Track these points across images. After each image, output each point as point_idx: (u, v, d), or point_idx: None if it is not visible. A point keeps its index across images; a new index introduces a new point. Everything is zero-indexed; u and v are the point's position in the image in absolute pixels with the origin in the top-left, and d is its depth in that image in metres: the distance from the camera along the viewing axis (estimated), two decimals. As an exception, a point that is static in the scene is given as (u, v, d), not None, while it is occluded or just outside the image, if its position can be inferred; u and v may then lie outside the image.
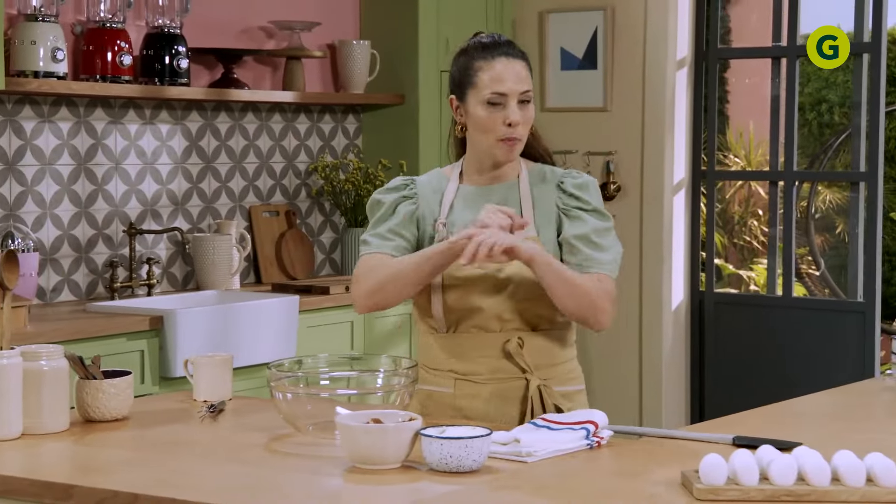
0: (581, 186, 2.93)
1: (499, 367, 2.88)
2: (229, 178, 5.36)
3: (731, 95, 10.54)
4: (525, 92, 2.88)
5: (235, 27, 5.35)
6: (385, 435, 2.39)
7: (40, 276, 4.76)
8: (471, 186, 2.95)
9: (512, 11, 6.12)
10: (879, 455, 2.22)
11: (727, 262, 9.65)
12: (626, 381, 5.99)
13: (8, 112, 4.67)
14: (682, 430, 2.65)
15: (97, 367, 2.79)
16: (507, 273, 2.86)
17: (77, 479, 2.33)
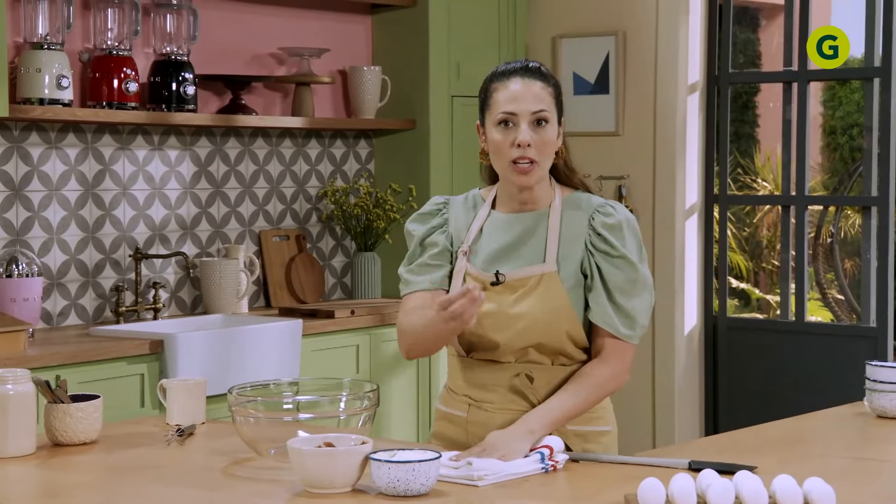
0: (611, 227, 2.79)
1: (510, 399, 2.81)
2: (239, 202, 5.41)
3: (761, 119, 10.51)
4: (539, 112, 2.76)
5: (246, 54, 5.41)
6: (333, 458, 2.40)
7: (47, 300, 4.82)
8: (501, 214, 2.87)
9: (525, 36, 6.15)
10: (818, 480, 2.21)
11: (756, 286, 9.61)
12: (639, 407, 5.98)
13: (14, 139, 4.74)
14: (639, 456, 2.65)
15: (64, 392, 2.83)
16: (522, 310, 2.79)
17: (27, 503, 2.36)
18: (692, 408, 5.98)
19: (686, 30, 5.88)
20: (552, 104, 2.81)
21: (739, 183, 9.81)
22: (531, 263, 2.80)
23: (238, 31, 5.38)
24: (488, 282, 2.81)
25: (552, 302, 2.77)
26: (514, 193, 2.84)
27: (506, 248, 2.84)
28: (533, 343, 2.78)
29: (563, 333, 2.78)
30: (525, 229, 2.83)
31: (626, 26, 5.98)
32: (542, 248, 2.80)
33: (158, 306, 5.00)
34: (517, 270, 2.81)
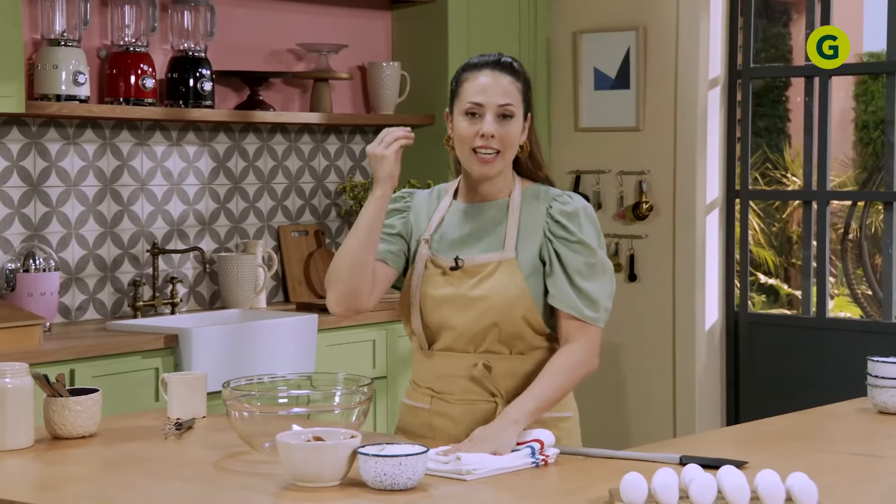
0: (568, 214, 2.85)
1: (469, 389, 2.87)
2: (257, 198, 5.44)
3: (791, 114, 10.45)
4: (505, 105, 2.82)
5: (264, 50, 5.43)
6: (321, 452, 2.42)
7: (65, 295, 4.86)
8: (462, 204, 2.94)
9: (545, 32, 6.14)
10: (802, 476, 2.21)
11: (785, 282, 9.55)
12: (660, 402, 5.96)
13: (32, 134, 4.79)
14: (630, 451, 2.65)
15: (62, 385, 2.85)
16: (480, 293, 2.84)
17: (19, 496, 2.38)
18: (713, 404, 5.95)
19: (707, 24, 5.86)
20: (519, 100, 2.86)
21: (768, 178, 9.76)
22: (490, 250, 2.87)
23: (257, 27, 5.40)
24: (448, 267, 2.88)
25: (510, 287, 2.83)
26: (475, 184, 2.90)
27: (466, 236, 2.91)
28: (491, 326, 2.83)
29: (520, 318, 2.83)
30: (485, 218, 2.90)
31: (646, 21, 5.96)
32: (501, 236, 2.87)
33: (176, 301, 5.03)
34: (476, 256, 2.88)
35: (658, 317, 5.97)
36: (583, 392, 6.05)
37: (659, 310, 5.97)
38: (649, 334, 5.99)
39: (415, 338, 2.94)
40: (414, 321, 2.90)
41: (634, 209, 5.98)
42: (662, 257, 5.97)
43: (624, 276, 6.05)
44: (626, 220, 6.03)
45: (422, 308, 2.88)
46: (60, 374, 2.89)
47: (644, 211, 5.97)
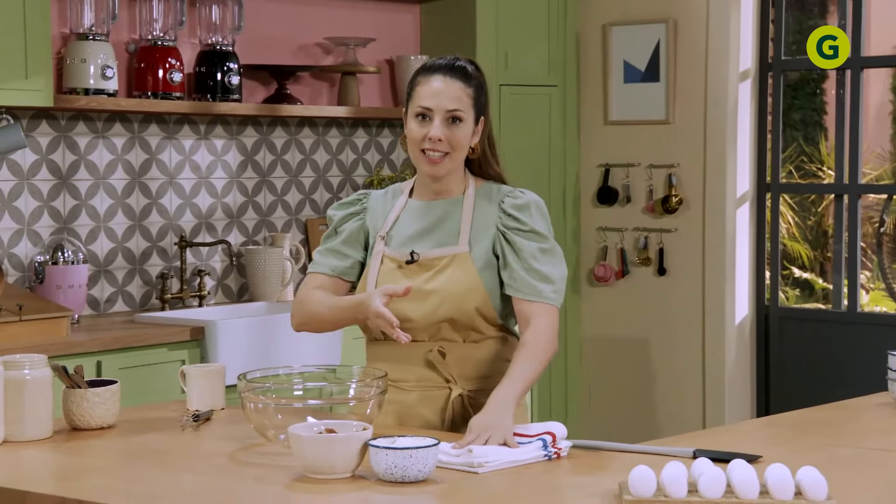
0: (520, 207, 2.97)
1: (424, 376, 2.97)
2: (285, 191, 5.45)
3: (828, 107, 10.36)
4: (453, 111, 2.92)
5: (293, 44, 5.45)
6: (332, 444, 2.42)
7: (94, 287, 4.89)
8: (417, 201, 3.06)
9: (575, 25, 6.13)
10: (812, 469, 2.19)
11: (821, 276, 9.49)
12: (690, 397, 5.94)
13: (62, 128, 4.82)
14: (644, 444, 2.64)
15: (80, 377, 2.87)
16: (434, 286, 2.95)
17: (34, 486, 2.40)
18: (743, 398, 5.93)
19: (738, 16, 5.82)
20: (469, 105, 2.96)
21: (803, 171, 9.69)
22: (444, 245, 2.98)
23: (285, 21, 5.42)
24: (403, 261, 2.99)
25: (464, 279, 2.93)
26: (428, 183, 3.02)
27: (421, 232, 3.01)
28: (446, 318, 2.93)
29: (473, 309, 2.93)
30: (440, 215, 3.01)
31: (676, 13, 5.94)
32: (455, 231, 2.98)
33: (203, 294, 5.06)
34: (431, 251, 2.98)
35: (687, 311, 5.95)
36: (612, 386, 6.08)
37: (688, 304, 5.95)
38: (678, 329, 5.97)
39: (368, 330, 3.04)
40: None
41: (664, 203, 5.96)
42: (692, 251, 5.95)
43: (653, 270, 6.03)
44: (655, 213, 6.01)
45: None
46: (79, 365, 2.91)
47: (673, 204, 5.95)
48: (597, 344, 6.19)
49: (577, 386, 6.20)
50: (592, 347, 6.20)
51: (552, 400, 6.06)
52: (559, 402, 6.10)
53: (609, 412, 6.13)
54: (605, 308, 6.15)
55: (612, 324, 6.14)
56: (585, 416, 6.18)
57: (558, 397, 6.10)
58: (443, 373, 2.96)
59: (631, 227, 6.09)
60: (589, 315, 6.20)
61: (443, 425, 2.95)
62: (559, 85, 6.06)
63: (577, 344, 6.20)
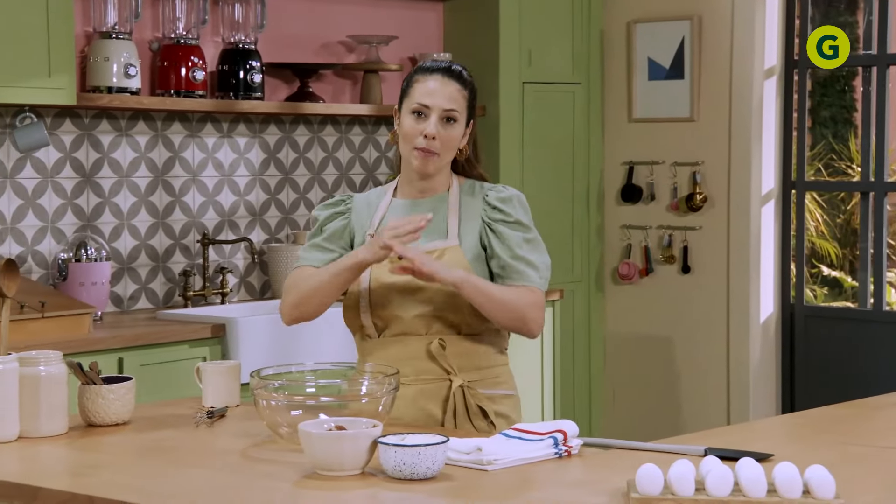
0: (504, 200, 3.07)
1: (424, 369, 3.02)
2: (307, 189, 5.47)
3: (858, 104, 10.31)
4: (449, 111, 3.01)
5: (316, 42, 5.46)
6: (341, 442, 2.43)
7: (117, 284, 4.92)
8: (403, 199, 3.13)
9: (599, 22, 6.11)
10: (820, 468, 2.18)
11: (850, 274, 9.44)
12: (714, 396, 5.92)
13: (85, 126, 4.84)
14: (656, 443, 2.64)
15: (96, 374, 2.89)
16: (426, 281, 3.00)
17: (48, 482, 2.42)
18: (768, 398, 5.90)
19: (763, 13, 5.80)
20: (464, 106, 3.05)
21: (832, 169, 9.65)
22: (434, 239, 3.05)
23: (308, 19, 5.43)
24: (395, 256, 3.00)
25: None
26: (415, 180, 3.09)
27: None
28: (440, 310, 3.00)
29: (467, 300, 2.98)
30: (429, 210, 3.07)
31: (701, 10, 5.92)
32: (443, 226, 3.06)
33: (226, 291, 5.08)
34: (422, 245, 3.02)
35: (712, 309, 5.93)
36: (636, 385, 6.06)
37: (713, 302, 5.93)
38: (703, 327, 5.95)
39: (362, 329, 3.08)
40: (363, 314, 3.05)
41: (688, 200, 5.94)
42: (716, 249, 5.93)
43: (677, 268, 6.01)
44: (679, 211, 5.99)
45: (371, 299, 3.03)
46: (94, 362, 2.93)
47: (698, 202, 5.93)
48: (621, 342, 6.17)
49: (601, 384, 6.19)
50: (616, 346, 6.19)
51: (576, 398, 6.05)
52: (583, 400, 6.09)
53: (633, 411, 6.11)
54: (628, 306, 6.14)
55: (635, 322, 6.13)
56: (610, 415, 6.17)
57: (582, 395, 6.09)
58: (443, 364, 3.02)
59: (655, 225, 6.08)
60: (613, 313, 6.18)
61: (444, 417, 3.00)
62: (583, 82, 6.05)
63: (601, 342, 6.19)
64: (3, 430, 2.74)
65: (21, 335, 4.18)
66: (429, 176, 3.07)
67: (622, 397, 6.16)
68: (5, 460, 2.64)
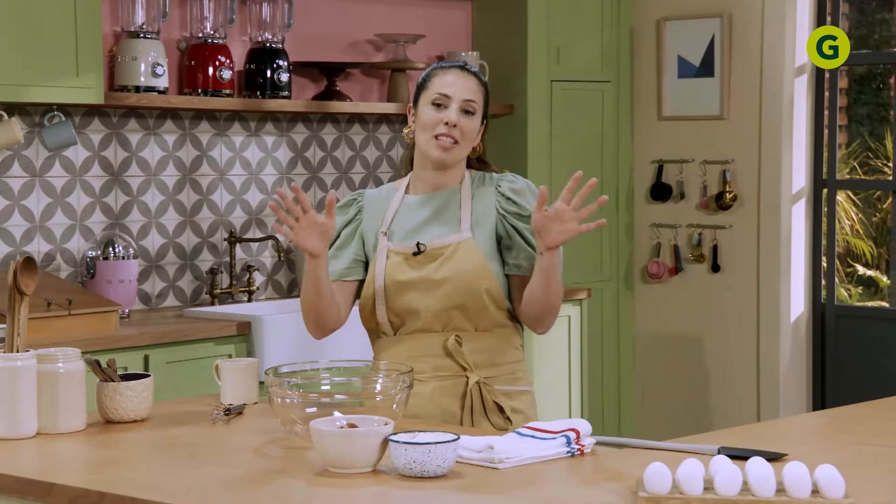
0: (517, 192, 3.09)
1: (441, 366, 3.04)
2: (335, 187, 5.48)
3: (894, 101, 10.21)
4: (469, 101, 3.05)
5: (344, 41, 5.47)
6: (352, 439, 2.43)
7: (145, 282, 4.95)
8: (415, 196, 3.13)
9: (629, 20, 6.10)
10: (829, 467, 2.17)
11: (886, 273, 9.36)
12: (744, 396, 5.89)
13: (113, 125, 4.88)
14: (669, 442, 2.63)
15: (113, 370, 2.90)
16: (444, 274, 3.02)
17: (61, 478, 2.43)
18: (798, 398, 5.87)
19: (794, 10, 5.77)
20: (481, 102, 3.09)
21: (868, 167, 9.57)
22: (448, 233, 3.06)
23: (336, 18, 5.44)
24: (410, 253, 3.05)
25: (471, 264, 3.02)
26: (429, 175, 3.09)
27: (422, 224, 3.08)
28: (457, 304, 3.02)
29: (483, 292, 3.02)
30: (439, 205, 3.08)
31: (731, 8, 5.89)
32: (456, 219, 3.07)
33: (252, 289, 5.10)
34: (436, 240, 3.06)
35: (742, 309, 5.90)
36: (665, 384, 6.04)
37: (743, 302, 5.90)
38: (733, 326, 5.92)
39: (378, 328, 3.09)
40: (379, 311, 3.07)
41: (718, 199, 5.92)
42: (746, 248, 5.90)
43: (707, 266, 5.99)
44: (709, 210, 5.97)
45: (387, 296, 3.04)
46: (111, 359, 2.95)
47: (728, 201, 5.90)
48: (650, 341, 6.15)
49: (630, 383, 6.17)
50: (645, 345, 6.17)
51: (604, 397, 6.04)
52: (611, 400, 6.08)
53: (662, 410, 6.09)
54: (658, 305, 6.12)
55: (665, 321, 6.10)
56: (639, 414, 6.16)
57: (610, 395, 6.07)
58: (459, 361, 3.03)
59: (685, 224, 6.05)
60: (642, 312, 6.17)
61: (462, 413, 3.01)
62: (612, 80, 6.03)
63: (630, 341, 6.17)
64: (21, 427, 2.76)
65: (48, 332, 4.22)
66: (446, 167, 3.07)
67: (651, 397, 6.14)
68: (23, 456, 2.66)
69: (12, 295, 2.78)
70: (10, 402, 2.74)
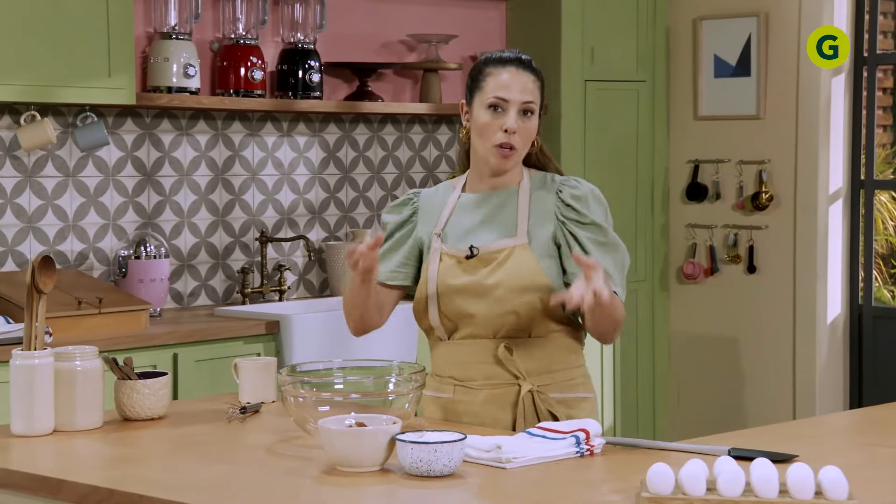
0: (579, 198, 2.94)
1: (493, 374, 2.93)
2: (367, 187, 5.49)
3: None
4: (528, 102, 2.92)
5: (376, 41, 5.48)
6: (360, 438, 2.44)
7: (177, 281, 4.98)
8: (471, 195, 3.02)
9: (665, 19, 6.07)
10: (834, 469, 2.15)
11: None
12: (780, 398, 5.85)
13: (146, 125, 4.91)
14: (680, 443, 2.61)
15: (130, 369, 2.93)
16: (496, 279, 2.91)
17: (73, 475, 2.45)
18: (835, 400, 5.82)
19: (831, 8, 5.72)
20: (538, 98, 2.95)
21: (910, 168, 9.48)
22: (503, 237, 2.94)
23: (369, 18, 5.45)
24: (463, 256, 2.95)
25: (524, 271, 2.90)
26: (486, 176, 2.98)
27: (477, 226, 2.97)
28: (509, 311, 2.90)
29: (537, 300, 2.89)
30: (495, 207, 2.97)
31: (768, 7, 5.85)
32: (513, 223, 2.94)
33: (283, 288, 5.12)
34: (490, 244, 2.94)
35: (778, 310, 5.86)
36: (701, 385, 6.00)
37: (779, 303, 5.86)
38: (769, 328, 5.88)
39: (433, 331, 3.01)
40: (431, 314, 2.96)
41: (754, 199, 5.88)
42: (783, 249, 5.85)
43: (743, 267, 5.95)
44: (745, 210, 5.93)
45: (440, 300, 2.94)
46: (128, 357, 2.97)
47: (764, 201, 5.86)
48: (685, 342, 6.12)
49: (665, 384, 6.14)
50: (681, 346, 6.14)
51: (639, 398, 6.01)
52: (646, 401, 6.05)
53: (698, 412, 6.06)
54: (693, 306, 6.09)
55: (700, 322, 6.07)
56: (674, 416, 6.13)
57: (645, 396, 6.05)
58: (511, 369, 2.92)
59: (720, 224, 6.02)
60: (677, 313, 6.14)
61: (514, 422, 2.91)
62: (648, 80, 6.01)
63: (666, 342, 6.15)
64: (38, 424, 2.79)
65: (78, 331, 4.26)
66: (506, 172, 2.96)
67: (687, 398, 6.11)
68: (38, 453, 2.69)
69: (30, 293, 2.81)
70: (28, 399, 2.77)
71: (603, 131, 5.85)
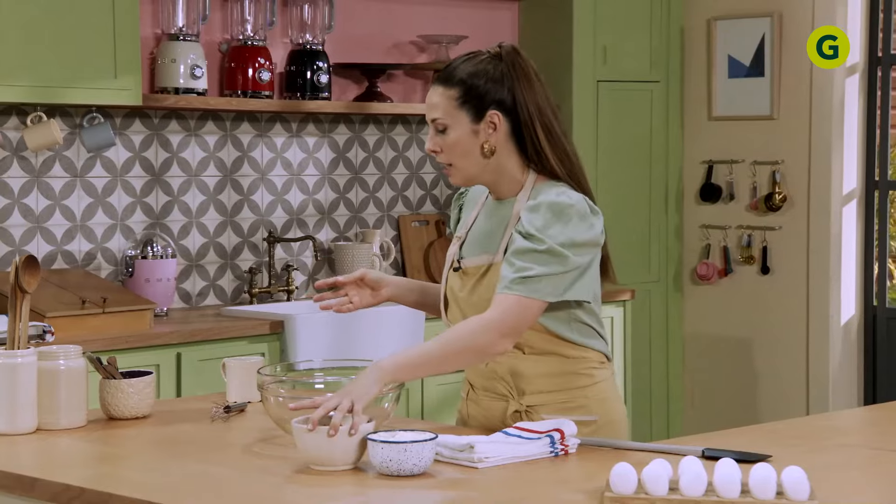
0: (532, 207, 2.70)
1: (489, 386, 2.86)
2: (377, 188, 5.50)
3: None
4: (434, 120, 2.76)
5: (386, 42, 5.49)
6: (330, 437, 2.44)
7: (185, 281, 5.00)
8: (492, 201, 2.88)
9: (679, 19, 6.05)
10: (796, 469, 2.14)
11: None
12: (793, 399, 5.82)
13: (154, 126, 4.94)
14: (655, 443, 2.60)
15: (114, 368, 2.94)
16: (477, 295, 2.79)
17: (46, 473, 2.47)
18: (849, 401, 5.78)
19: (845, 8, 5.69)
20: (453, 107, 2.73)
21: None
22: (487, 252, 2.80)
23: (378, 19, 5.46)
24: (453, 268, 2.88)
25: (493, 291, 2.71)
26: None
27: (480, 236, 2.85)
28: None
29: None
30: (500, 218, 2.82)
31: (782, 7, 5.82)
32: (499, 238, 2.79)
33: (291, 288, 5.13)
34: (473, 259, 2.83)
35: (791, 311, 5.83)
36: (714, 386, 5.98)
37: (792, 304, 5.83)
38: (782, 329, 5.85)
39: None
40: (443, 317, 2.92)
41: (768, 200, 5.85)
42: (796, 250, 5.82)
43: (756, 268, 5.93)
44: (759, 211, 5.90)
45: (445, 304, 2.90)
46: (112, 356, 2.98)
47: (778, 202, 5.84)
48: (699, 343, 6.10)
49: (679, 385, 6.12)
50: (695, 347, 6.11)
51: (652, 399, 5.99)
52: (660, 402, 6.03)
53: (711, 413, 6.04)
54: (707, 307, 6.07)
55: (714, 323, 6.05)
56: (688, 416, 6.10)
57: (659, 396, 6.03)
58: (499, 385, 2.83)
59: (734, 225, 5.99)
60: (691, 314, 6.11)
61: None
62: (661, 80, 5.99)
63: (679, 343, 6.13)
64: (19, 423, 2.80)
65: (82, 330, 4.28)
66: (468, 186, 2.87)
67: (700, 399, 6.09)
68: (19, 452, 2.70)
69: (14, 293, 2.83)
70: (10, 398, 2.79)
71: (616, 132, 5.83)
